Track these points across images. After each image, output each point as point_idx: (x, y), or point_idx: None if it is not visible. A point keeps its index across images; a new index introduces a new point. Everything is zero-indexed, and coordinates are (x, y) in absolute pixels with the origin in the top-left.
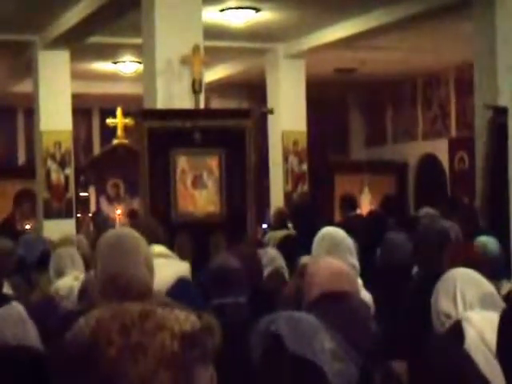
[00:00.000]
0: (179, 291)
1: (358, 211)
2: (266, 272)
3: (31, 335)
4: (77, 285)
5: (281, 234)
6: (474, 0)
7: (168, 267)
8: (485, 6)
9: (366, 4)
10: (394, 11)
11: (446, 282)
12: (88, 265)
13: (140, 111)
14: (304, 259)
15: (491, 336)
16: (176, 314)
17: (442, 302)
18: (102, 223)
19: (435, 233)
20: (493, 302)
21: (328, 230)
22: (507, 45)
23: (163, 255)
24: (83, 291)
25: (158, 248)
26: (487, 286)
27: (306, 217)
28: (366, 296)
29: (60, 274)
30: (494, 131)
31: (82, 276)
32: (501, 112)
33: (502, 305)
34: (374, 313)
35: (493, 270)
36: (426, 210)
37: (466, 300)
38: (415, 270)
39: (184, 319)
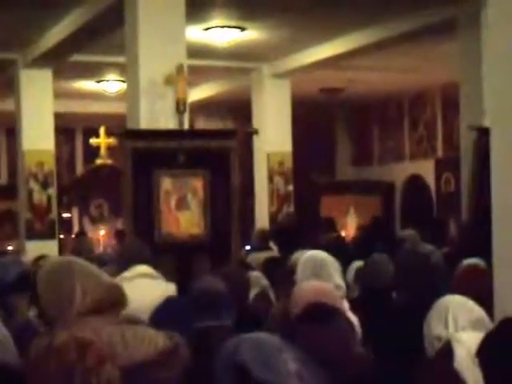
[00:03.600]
0: (167, 311)
1: (344, 233)
2: (252, 293)
3: (10, 354)
4: None
5: (263, 255)
6: (460, 20)
7: (154, 288)
8: (470, 27)
9: (352, 24)
10: (379, 31)
11: (439, 308)
12: None
13: (123, 131)
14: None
15: None
16: (148, 332)
17: (434, 326)
18: (83, 248)
19: (417, 258)
20: (484, 326)
21: (312, 253)
22: (492, 65)
23: (149, 276)
24: None
25: (144, 268)
26: (479, 311)
27: (291, 238)
28: (352, 319)
29: None
30: (479, 152)
31: None
32: (485, 133)
33: None
34: (361, 336)
35: None
36: (408, 233)
37: (458, 323)
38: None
39: (155, 337)
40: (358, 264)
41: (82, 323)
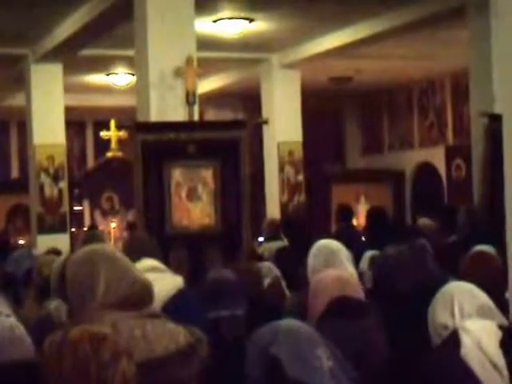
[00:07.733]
0: (177, 304)
1: (355, 221)
2: (266, 283)
3: (27, 351)
4: None
5: (275, 245)
6: (468, 7)
7: (161, 281)
8: (479, 13)
9: (360, 13)
10: (387, 20)
11: (443, 296)
12: None
13: (134, 124)
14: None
15: (488, 343)
16: (169, 327)
17: (440, 314)
18: (94, 241)
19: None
20: (490, 313)
21: (323, 242)
22: (502, 52)
23: (155, 269)
24: None
25: (151, 262)
26: (484, 297)
27: (301, 228)
28: None
29: None
30: (491, 139)
31: None
32: (496, 119)
33: (500, 316)
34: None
35: None
36: (423, 221)
37: (464, 311)
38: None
39: (177, 333)
40: (371, 253)
41: (101, 317)
